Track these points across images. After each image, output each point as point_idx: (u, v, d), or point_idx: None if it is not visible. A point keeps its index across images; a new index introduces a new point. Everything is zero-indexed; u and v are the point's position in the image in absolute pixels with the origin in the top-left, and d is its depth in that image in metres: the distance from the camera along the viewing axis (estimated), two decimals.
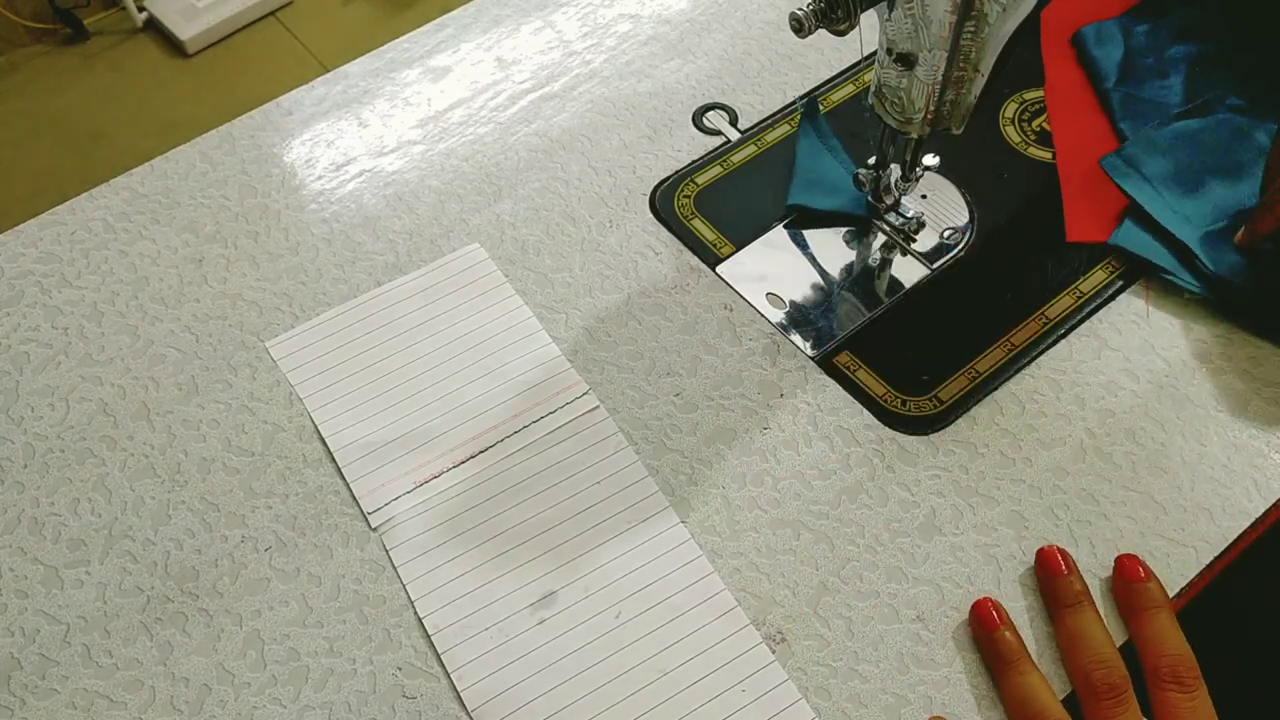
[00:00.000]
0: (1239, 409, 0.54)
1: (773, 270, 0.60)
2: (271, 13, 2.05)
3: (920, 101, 0.51)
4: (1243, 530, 0.51)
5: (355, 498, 0.53)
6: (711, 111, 0.68)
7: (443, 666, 0.48)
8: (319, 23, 2.05)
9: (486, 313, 0.59)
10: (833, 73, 0.69)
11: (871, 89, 0.53)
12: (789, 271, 0.60)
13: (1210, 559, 0.50)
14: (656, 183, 0.64)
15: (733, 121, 0.67)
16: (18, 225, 0.63)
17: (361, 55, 0.71)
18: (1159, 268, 0.58)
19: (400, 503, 0.53)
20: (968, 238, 0.61)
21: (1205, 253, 0.57)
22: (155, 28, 2.02)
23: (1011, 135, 0.65)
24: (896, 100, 0.52)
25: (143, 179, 0.65)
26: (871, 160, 0.59)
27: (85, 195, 0.65)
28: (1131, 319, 0.57)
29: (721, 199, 0.63)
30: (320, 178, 0.65)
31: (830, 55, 0.70)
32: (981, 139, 0.65)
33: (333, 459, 0.54)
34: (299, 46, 2.01)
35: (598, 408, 0.55)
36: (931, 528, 0.51)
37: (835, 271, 0.60)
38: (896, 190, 0.59)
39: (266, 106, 0.69)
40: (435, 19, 0.73)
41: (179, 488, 0.54)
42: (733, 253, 0.61)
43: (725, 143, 0.66)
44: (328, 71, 0.71)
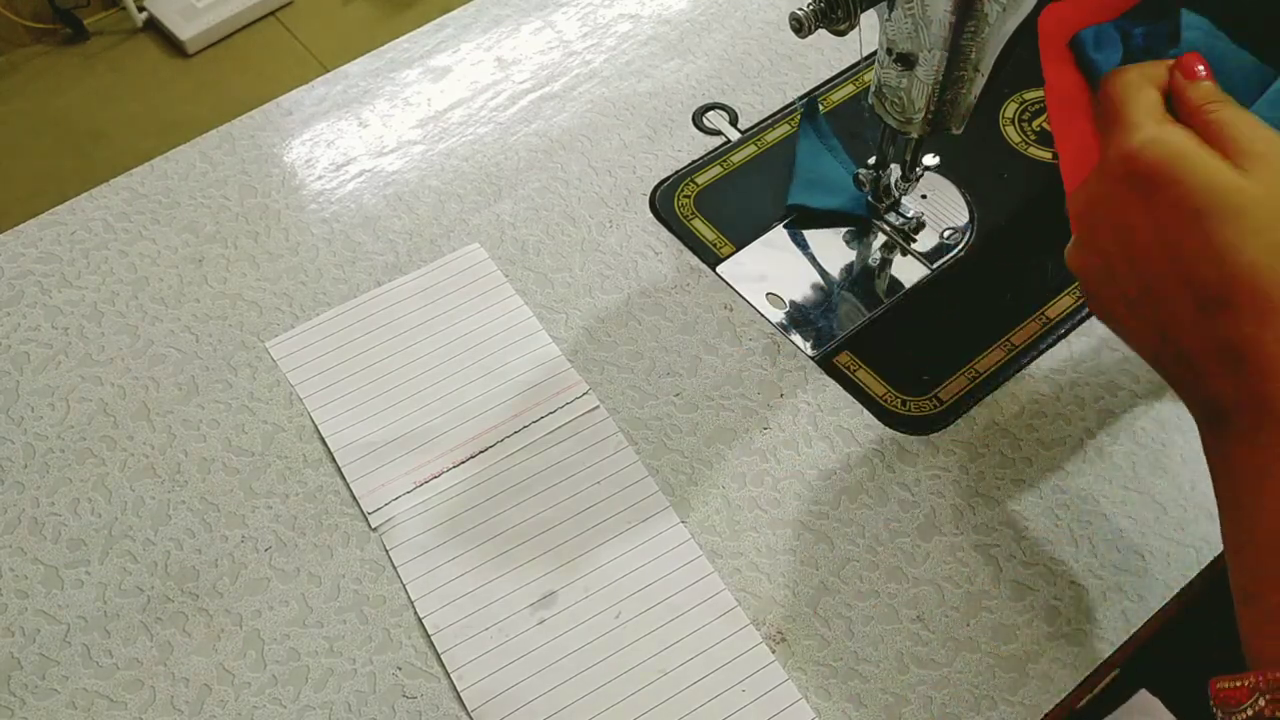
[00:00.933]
0: None
1: (773, 270, 0.60)
2: (271, 13, 2.05)
3: (920, 101, 0.51)
4: None
5: (355, 498, 0.53)
6: (711, 111, 0.68)
7: (443, 666, 0.48)
8: (319, 23, 2.05)
9: (486, 313, 0.59)
10: (833, 73, 0.69)
11: (871, 89, 0.53)
12: (789, 271, 0.60)
13: (1210, 559, 0.50)
14: (656, 183, 0.64)
15: (733, 121, 0.67)
16: (18, 225, 0.64)
17: (361, 55, 0.71)
18: None
19: (400, 503, 0.53)
20: (968, 238, 0.61)
21: None
22: (155, 28, 2.02)
23: (1011, 135, 0.65)
24: (896, 100, 0.52)
25: (143, 179, 0.65)
26: (871, 160, 0.59)
27: (85, 195, 0.65)
28: None
29: (721, 199, 0.63)
30: (320, 178, 0.65)
31: (830, 55, 0.70)
32: (981, 139, 0.65)
33: (333, 459, 0.54)
34: (299, 46, 2.01)
35: (598, 408, 0.55)
36: (931, 528, 0.51)
37: (835, 271, 0.60)
38: (896, 190, 0.59)
39: (266, 106, 0.69)
40: (435, 19, 0.73)
41: (179, 488, 0.54)
42: (733, 253, 0.61)
43: (725, 143, 0.66)
44: (328, 71, 0.71)
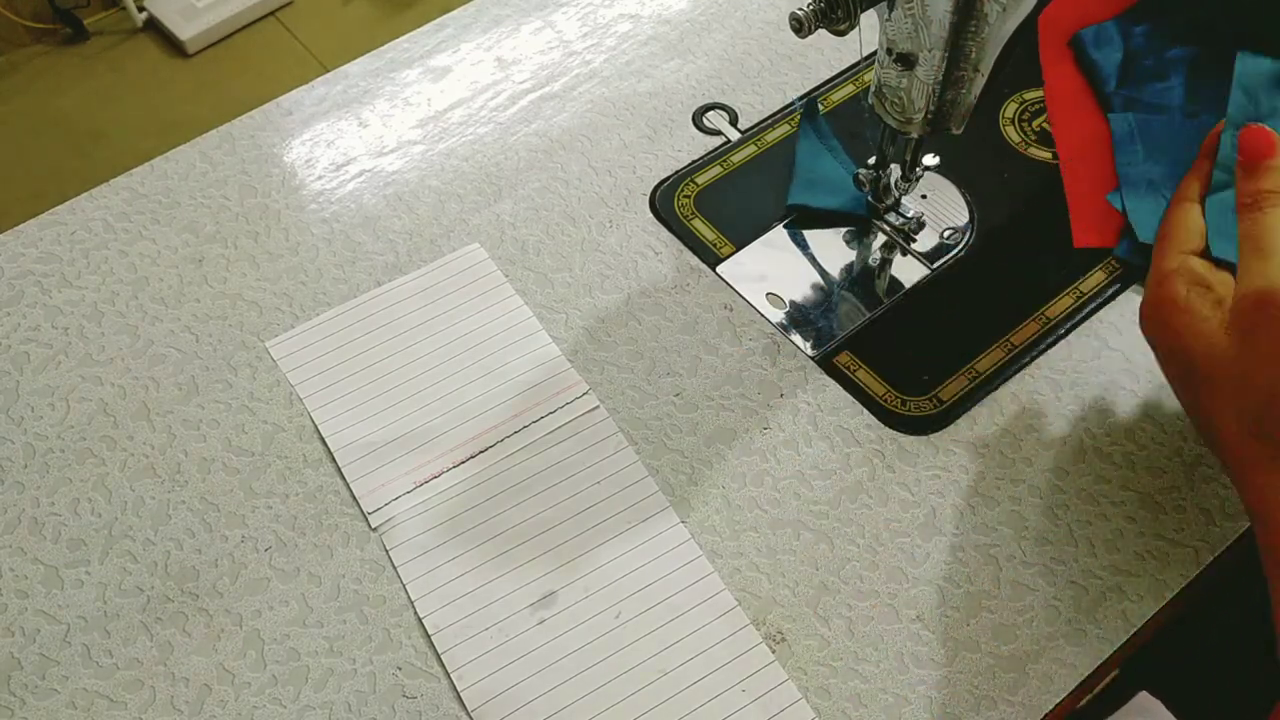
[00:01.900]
0: None
1: (773, 270, 0.60)
2: (271, 13, 2.05)
3: (920, 101, 0.51)
4: (1242, 531, 0.51)
5: (355, 498, 0.53)
6: (711, 111, 0.68)
7: (443, 666, 0.48)
8: (319, 23, 2.05)
9: (486, 313, 0.59)
10: (833, 73, 0.69)
11: (871, 89, 0.53)
12: (789, 271, 0.60)
13: (1210, 559, 0.50)
14: (656, 183, 0.64)
15: (733, 121, 0.67)
16: (18, 225, 0.63)
17: (361, 55, 0.71)
18: None
19: (400, 503, 0.53)
20: (968, 238, 0.61)
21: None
22: (155, 28, 2.02)
23: (1011, 135, 0.65)
24: (896, 100, 0.52)
25: (143, 179, 0.65)
26: (871, 160, 0.59)
27: (85, 195, 0.65)
28: (1131, 319, 0.57)
29: (721, 199, 0.63)
30: (320, 178, 0.65)
31: (830, 55, 0.70)
32: (981, 139, 0.65)
33: (333, 459, 0.54)
34: (299, 46, 2.01)
35: (598, 408, 0.55)
36: (931, 528, 0.51)
37: (835, 271, 0.60)
38: (896, 190, 0.59)
39: (266, 106, 0.69)
40: (435, 19, 0.73)
41: (179, 488, 0.54)
42: (733, 253, 0.61)
43: (725, 143, 0.66)
44: (328, 71, 0.71)
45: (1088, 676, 0.47)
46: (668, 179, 0.64)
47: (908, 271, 0.60)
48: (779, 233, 0.62)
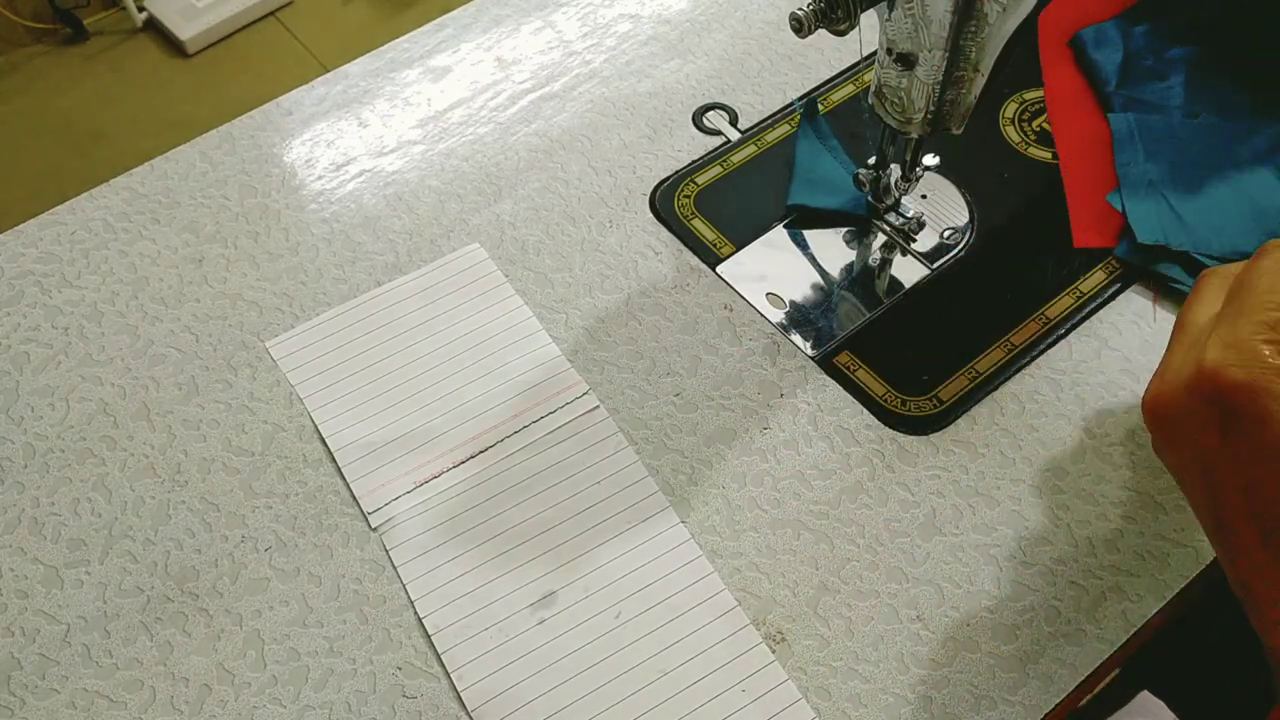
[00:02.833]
0: None
1: (773, 270, 0.60)
2: (271, 13, 2.05)
3: (920, 101, 0.51)
4: None
5: (355, 498, 0.53)
6: (711, 111, 0.68)
7: (443, 666, 0.48)
8: (319, 23, 2.05)
9: (486, 313, 0.59)
10: (833, 73, 0.69)
11: (871, 89, 0.53)
12: (789, 271, 0.60)
13: (1210, 559, 0.50)
14: (656, 183, 0.64)
15: (733, 121, 0.67)
16: (18, 225, 0.63)
17: (361, 55, 0.71)
18: (1168, 277, 0.57)
19: (400, 503, 0.53)
20: (968, 238, 0.61)
21: (1208, 258, 0.57)
22: (155, 28, 2.02)
23: (1011, 135, 0.65)
24: (896, 100, 0.52)
25: (143, 179, 0.65)
26: (871, 160, 0.59)
27: (85, 195, 0.65)
28: (1131, 319, 0.57)
29: (721, 199, 0.63)
30: (320, 178, 0.65)
31: (830, 55, 0.70)
32: (981, 139, 0.65)
33: (333, 459, 0.54)
34: (299, 46, 2.01)
35: (598, 408, 0.55)
36: (931, 528, 0.51)
37: (835, 271, 0.60)
38: (896, 190, 0.59)
39: (266, 106, 0.69)
40: (435, 19, 0.73)
41: (179, 488, 0.54)
42: (733, 253, 0.61)
43: (725, 143, 0.66)
44: (328, 71, 0.71)
45: (1088, 676, 0.47)
46: (668, 179, 0.64)
47: (908, 271, 0.60)
48: (779, 233, 0.62)
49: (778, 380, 0.56)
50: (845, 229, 0.62)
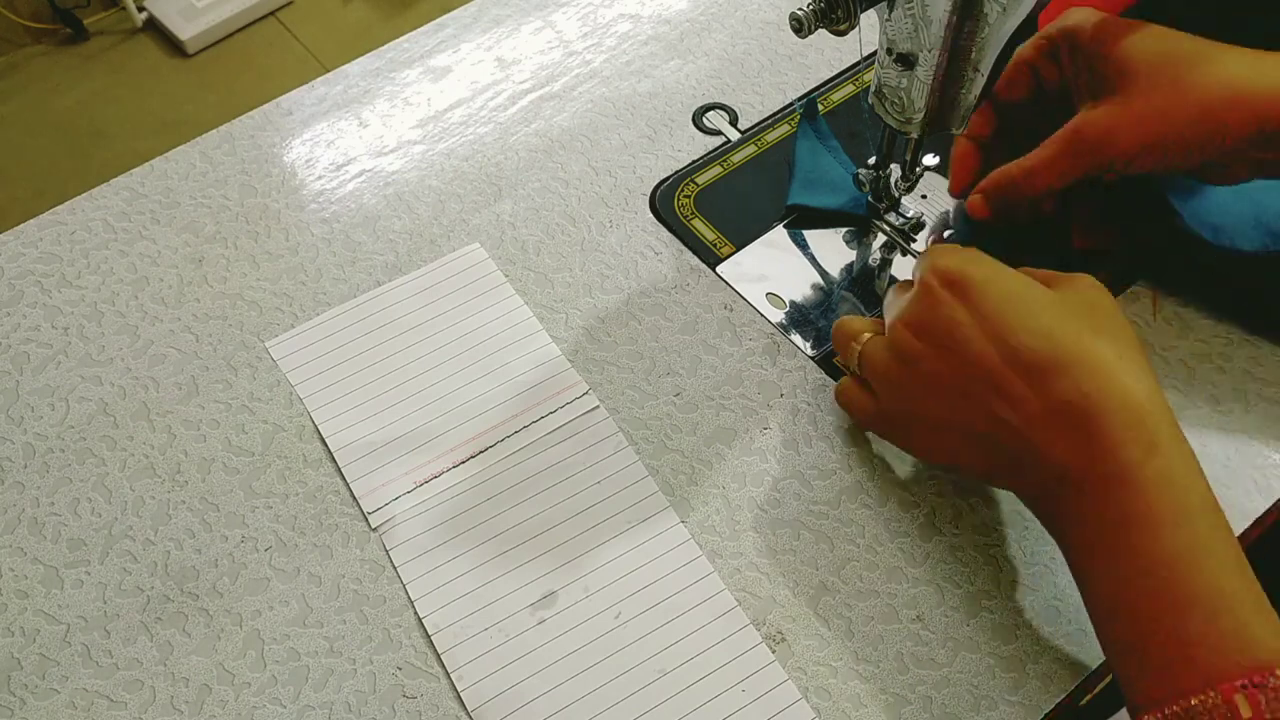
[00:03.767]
0: (1239, 409, 0.54)
1: (773, 270, 0.60)
2: (271, 13, 2.05)
3: (920, 101, 0.51)
4: (1243, 530, 0.51)
5: (355, 498, 0.53)
6: (711, 111, 0.68)
7: (443, 666, 0.48)
8: (319, 23, 2.05)
9: (486, 313, 0.59)
10: (833, 73, 0.69)
11: (871, 89, 0.53)
12: (789, 271, 0.60)
13: None
14: (656, 183, 0.64)
15: (733, 121, 0.67)
16: (18, 225, 0.64)
17: (361, 55, 0.71)
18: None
19: (400, 503, 0.53)
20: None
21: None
22: (155, 28, 2.02)
23: None
24: (896, 100, 0.52)
25: (143, 179, 0.65)
26: (871, 160, 0.59)
27: (85, 195, 0.65)
28: (1131, 319, 0.57)
29: (721, 199, 0.63)
30: (320, 178, 0.65)
31: (830, 55, 0.70)
32: None
33: (333, 459, 0.54)
34: (299, 46, 2.01)
35: (598, 408, 0.55)
36: (931, 528, 0.51)
37: (835, 271, 0.60)
38: (896, 190, 0.60)
39: (266, 106, 0.69)
40: (435, 19, 0.73)
41: (179, 488, 0.54)
42: (733, 253, 0.61)
43: (725, 143, 0.66)
44: (328, 71, 0.71)
45: (1088, 676, 0.47)
46: (668, 179, 0.64)
47: (908, 271, 0.60)
48: (779, 233, 0.62)
49: (778, 380, 0.56)
50: (845, 229, 0.62)
